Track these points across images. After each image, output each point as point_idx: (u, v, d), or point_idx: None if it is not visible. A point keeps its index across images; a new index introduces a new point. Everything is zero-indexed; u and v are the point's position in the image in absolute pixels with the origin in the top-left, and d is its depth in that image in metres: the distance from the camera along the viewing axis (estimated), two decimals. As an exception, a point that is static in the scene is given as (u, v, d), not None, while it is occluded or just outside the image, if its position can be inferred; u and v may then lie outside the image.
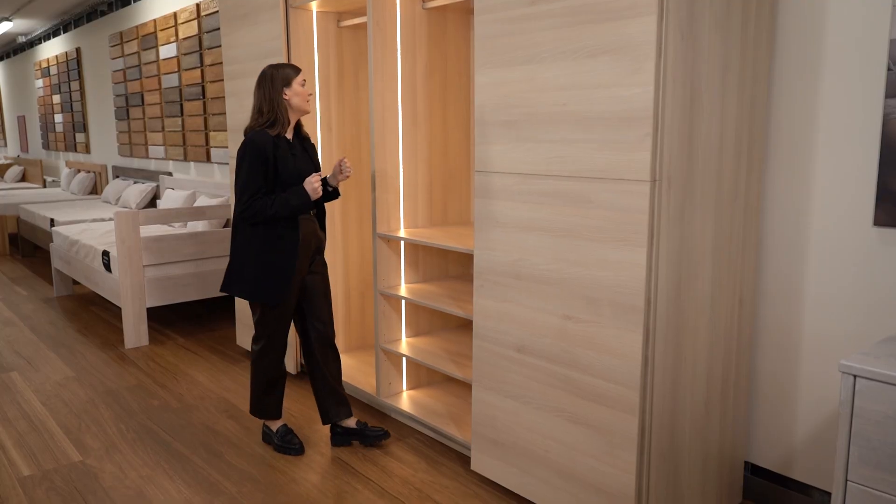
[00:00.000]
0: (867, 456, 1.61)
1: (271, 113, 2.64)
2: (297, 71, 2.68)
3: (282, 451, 2.88)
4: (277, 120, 2.64)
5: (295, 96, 2.65)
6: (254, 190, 2.59)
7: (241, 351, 4.23)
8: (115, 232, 4.17)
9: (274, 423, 2.95)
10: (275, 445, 2.92)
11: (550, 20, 2.10)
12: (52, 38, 9.65)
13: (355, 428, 2.92)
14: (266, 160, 2.60)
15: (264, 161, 2.60)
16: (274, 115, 2.64)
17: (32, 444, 3.00)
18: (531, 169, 2.23)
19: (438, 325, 3.36)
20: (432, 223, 3.27)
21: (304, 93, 2.68)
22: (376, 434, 2.91)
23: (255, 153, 2.59)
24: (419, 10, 3.07)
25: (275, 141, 2.63)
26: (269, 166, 2.62)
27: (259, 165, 2.59)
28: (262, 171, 2.60)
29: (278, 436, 2.91)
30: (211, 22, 5.47)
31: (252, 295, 2.69)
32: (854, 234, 2.15)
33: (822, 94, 2.18)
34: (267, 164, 2.61)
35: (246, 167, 2.60)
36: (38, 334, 4.62)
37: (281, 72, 2.65)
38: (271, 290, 2.67)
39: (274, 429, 2.94)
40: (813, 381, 2.30)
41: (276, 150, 2.63)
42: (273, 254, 2.66)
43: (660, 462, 2.09)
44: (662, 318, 2.00)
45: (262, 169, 2.60)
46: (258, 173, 2.60)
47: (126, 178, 7.47)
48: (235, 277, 2.72)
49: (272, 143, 2.62)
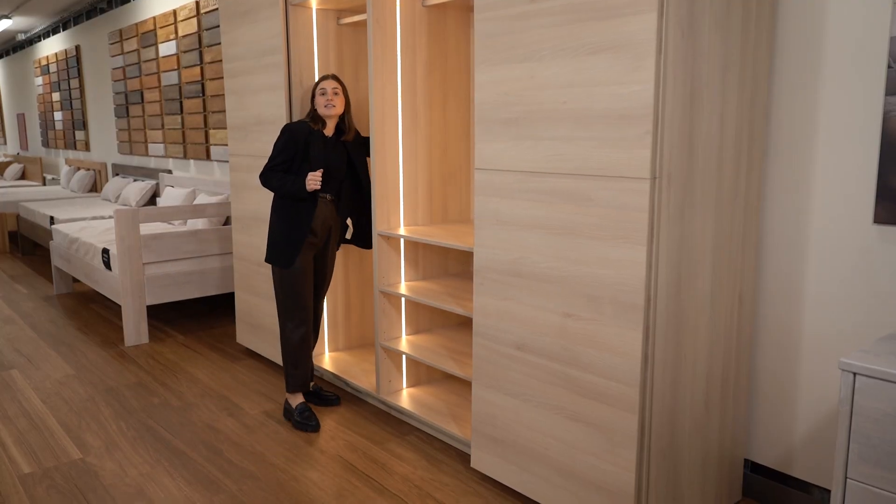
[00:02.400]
0: (867, 453, 1.61)
1: (309, 114, 3.15)
2: (318, 82, 3.12)
3: (299, 427, 3.12)
4: (314, 119, 3.12)
5: (316, 104, 3.11)
6: (275, 163, 3.07)
7: (241, 348, 4.24)
8: (114, 230, 4.17)
9: (295, 399, 3.19)
10: (294, 422, 3.15)
11: (550, 18, 2.10)
12: (52, 35, 9.64)
13: (311, 390, 3.33)
14: (295, 143, 3.05)
15: (294, 143, 3.05)
16: (313, 114, 3.13)
17: (33, 441, 3.00)
18: (531, 167, 2.23)
19: (438, 322, 3.36)
20: (432, 221, 3.27)
21: (321, 100, 3.09)
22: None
23: (287, 134, 3.07)
24: (419, 8, 3.07)
25: (310, 131, 3.08)
26: (300, 149, 3.05)
27: (288, 145, 3.05)
28: (290, 150, 3.05)
29: (297, 412, 3.15)
30: (210, 19, 5.47)
31: (270, 259, 3.12)
32: (854, 232, 2.15)
33: (823, 92, 2.18)
34: (296, 146, 3.05)
35: (278, 142, 3.08)
36: (38, 332, 4.62)
37: (315, 82, 3.15)
38: (281, 255, 3.08)
39: (294, 404, 3.18)
40: (813, 379, 2.30)
41: (308, 138, 3.07)
42: (288, 224, 3.08)
43: (660, 460, 2.10)
44: (662, 316, 2.01)
45: (289, 148, 3.05)
46: (283, 151, 3.05)
47: (126, 175, 7.47)
48: (273, 251, 3.13)
49: (307, 132, 3.07)
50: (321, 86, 3.09)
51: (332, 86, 3.08)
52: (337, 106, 3.08)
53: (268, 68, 3.53)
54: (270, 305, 3.78)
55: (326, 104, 3.06)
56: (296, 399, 3.19)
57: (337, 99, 3.08)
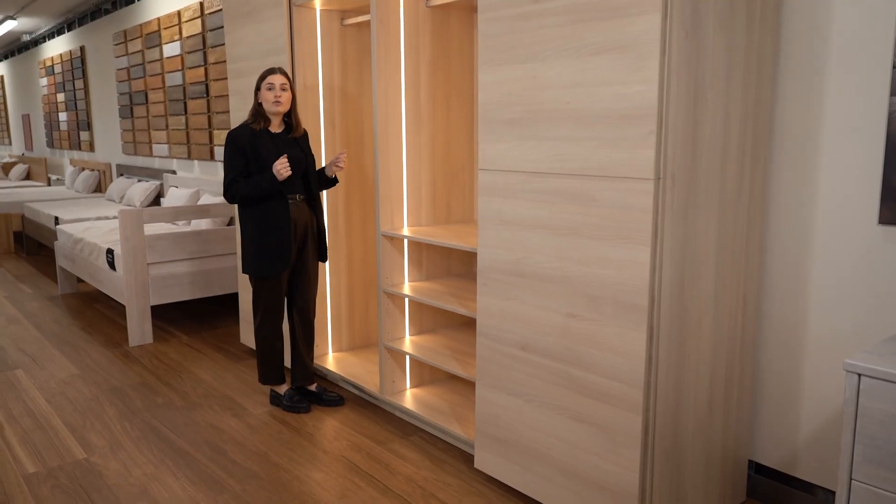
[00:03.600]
0: (871, 455, 1.60)
1: (252, 111, 3.06)
2: (265, 76, 3.00)
3: (290, 409, 3.25)
4: (257, 117, 3.03)
5: (262, 99, 3.02)
6: (232, 175, 2.99)
7: (244, 349, 4.24)
8: (119, 230, 4.18)
9: (280, 388, 3.32)
10: (283, 406, 3.28)
11: (554, 18, 2.10)
12: (57, 36, 9.66)
13: (314, 391, 3.34)
14: (243, 150, 2.98)
15: (241, 151, 2.98)
16: (254, 113, 3.05)
17: (37, 441, 3.01)
18: (534, 167, 2.23)
19: (442, 323, 3.36)
20: (436, 221, 3.27)
21: (269, 95, 2.99)
22: (332, 399, 3.32)
23: (231, 144, 3.00)
24: (422, 8, 3.07)
25: (255, 133, 3.00)
26: (248, 155, 2.99)
27: (236, 155, 2.98)
28: (240, 159, 2.99)
29: (286, 398, 3.28)
30: (214, 20, 5.48)
31: (256, 271, 3.06)
32: (858, 232, 2.15)
33: (827, 92, 2.17)
34: (244, 153, 2.98)
35: (225, 157, 3.01)
36: (42, 332, 4.64)
37: (260, 75, 3.03)
38: (269, 265, 3.04)
39: (281, 392, 3.31)
40: (817, 379, 2.30)
41: (254, 141, 2.99)
42: (268, 233, 3.01)
43: (663, 460, 2.09)
44: (666, 316, 2.00)
45: (239, 158, 2.98)
46: (235, 161, 2.98)
47: (130, 176, 7.49)
48: (244, 257, 3.09)
49: (250, 135, 2.99)
50: (269, 80, 2.98)
51: (280, 81, 2.98)
52: (284, 103, 2.99)
53: (271, 69, 3.54)
54: (274, 306, 3.78)
55: (275, 100, 2.97)
56: (281, 388, 3.32)
57: (284, 95, 2.99)
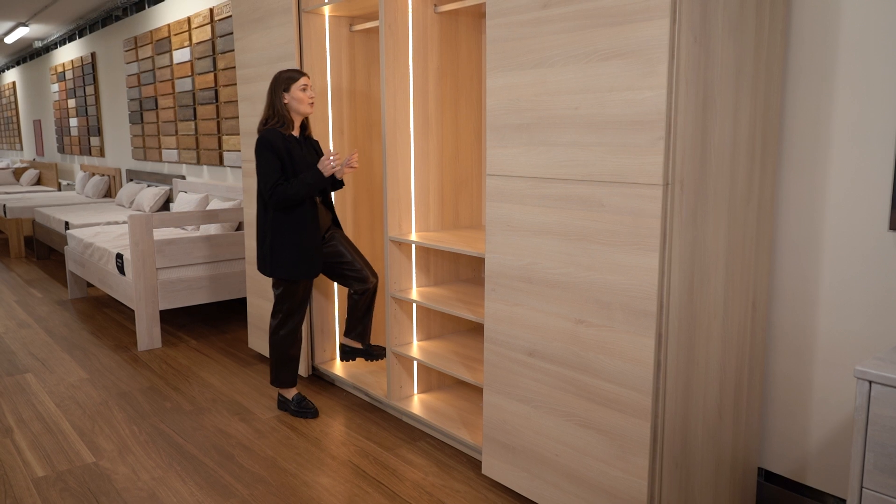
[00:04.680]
0: (883, 463, 1.59)
1: (276, 115, 3.00)
2: (296, 77, 2.99)
3: (298, 415, 3.26)
4: (285, 120, 3.01)
5: (293, 100, 3.00)
6: (275, 179, 2.95)
7: (253, 354, 4.25)
8: (128, 235, 4.20)
9: (289, 392, 3.32)
10: (291, 411, 3.29)
11: (562, 24, 2.10)
12: (68, 42, 9.74)
13: (360, 347, 3.33)
14: (279, 153, 2.95)
15: (278, 155, 2.96)
16: (279, 117, 3.00)
17: (46, 445, 3.02)
18: (543, 172, 2.22)
19: (450, 328, 3.36)
20: (444, 227, 3.27)
21: (304, 97, 3.00)
22: (378, 353, 3.31)
23: (268, 148, 2.95)
24: (431, 14, 3.08)
25: (285, 138, 2.98)
26: (284, 159, 2.97)
27: (273, 158, 2.95)
28: (277, 163, 2.96)
29: (294, 402, 3.29)
30: (224, 26, 5.51)
31: (291, 274, 3.06)
32: (869, 239, 2.13)
33: (836, 97, 2.17)
34: (281, 157, 2.96)
35: (264, 161, 2.96)
36: (52, 336, 4.66)
37: (283, 76, 3.00)
38: (306, 267, 3.07)
39: (289, 397, 3.32)
40: (827, 386, 2.28)
41: (287, 145, 2.98)
42: (304, 236, 3.04)
43: (672, 467, 2.08)
44: (675, 322, 1.99)
45: (276, 161, 2.95)
46: (273, 164, 2.95)
47: (140, 181, 7.53)
48: (273, 261, 3.07)
49: (282, 139, 2.97)
50: (302, 81, 2.99)
51: (310, 83, 3.05)
52: (315, 104, 3.08)
53: (281, 75, 3.55)
54: (282, 310, 3.79)
55: (311, 101, 3.02)
56: (289, 392, 3.32)
57: (315, 97, 3.10)
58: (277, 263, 3.06)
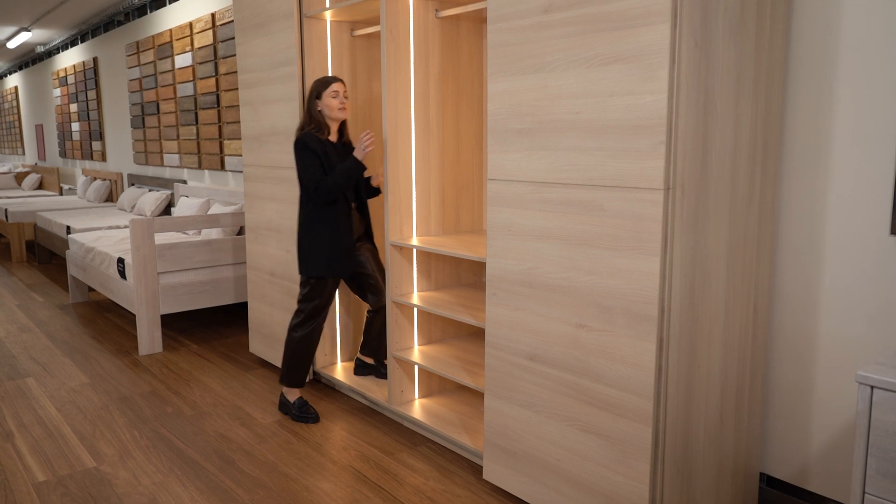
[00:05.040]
0: (885, 468, 1.59)
1: (312, 120, 3.11)
2: (329, 83, 3.08)
3: (299, 419, 3.26)
4: (321, 126, 3.11)
5: (325, 106, 3.09)
6: (318, 176, 3.05)
7: (253, 358, 4.25)
8: (130, 239, 4.20)
9: (292, 395, 3.32)
10: (292, 415, 3.29)
11: (563, 28, 2.10)
12: (70, 47, 9.77)
13: (372, 364, 3.49)
14: (317, 155, 3.05)
15: (316, 154, 3.06)
16: (315, 122, 3.10)
17: (47, 449, 3.02)
18: (544, 177, 2.23)
19: (451, 333, 3.36)
20: (445, 231, 3.27)
21: (335, 103, 3.08)
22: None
23: (306, 148, 3.05)
24: (432, 19, 3.08)
25: (321, 142, 3.08)
26: (322, 160, 3.07)
27: (312, 157, 3.05)
28: (317, 160, 3.06)
29: (296, 406, 3.28)
30: (226, 31, 5.52)
31: (320, 271, 3.14)
32: (870, 243, 2.13)
33: (837, 101, 2.17)
34: (318, 158, 3.06)
35: (303, 160, 3.06)
36: (53, 340, 4.66)
37: (317, 83, 3.11)
38: (340, 265, 3.16)
39: (292, 399, 3.31)
40: (829, 391, 2.28)
41: (324, 148, 3.08)
42: (333, 235, 3.12)
43: (673, 472, 2.08)
44: (676, 326, 1.99)
45: (315, 159, 3.05)
46: (314, 163, 3.05)
47: (141, 185, 7.54)
48: (303, 258, 3.17)
49: (319, 143, 3.07)
50: (334, 87, 3.08)
51: (343, 89, 3.11)
52: (346, 110, 3.14)
53: (282, 79, 3.56)
54: (283, 315, 3.79)
55: (340, 107, 3.09)
56: (293, 394, 3.32)
57: (347, 102, 3.15)
58: (307, 260, 3.15)
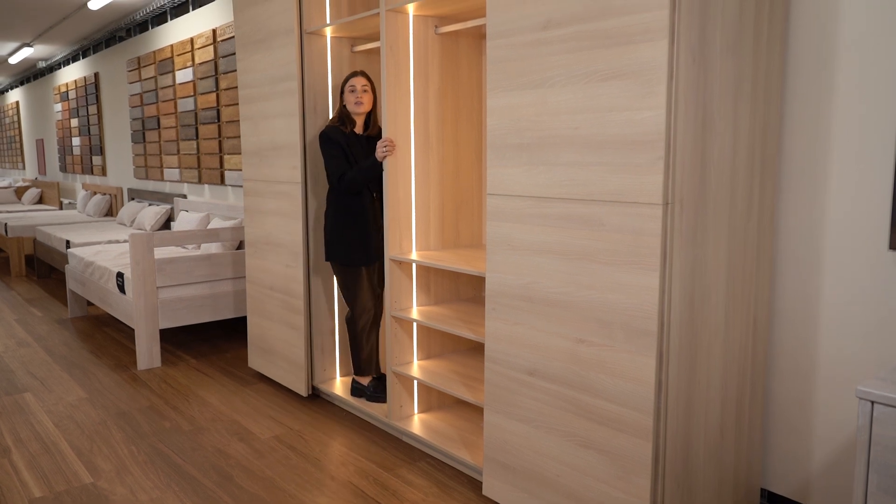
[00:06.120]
0: (886, 484, 1.58)
1: (339, 115, 3.25)
2: (347, 79, 3.23)
3: (373, 399, 3.41)
4: (344, 119, 3.24)
5: (346, 101, 3.24)
6: (342, 168, 3.18)
7: (252, 373, 4.23)
8: (129, 254, 4.20)
9: (364, 379, 3.46)
10: (367, 396, 3.44)
11: (562, 45, 2.12)
12: (72, 63, 9.82)
13: (365, 386, 3.47)
14: (340, 146, 3.18)
15: (340, 147, 3.18)
16: (340, 116, 3.25)
17: (44, 465, 3.00)
18: (543, 192, 2.23)
19: (450, 347, 3.35)
20: (444, 246, 3.27)
21: (351, 98, 3.21)
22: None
23: (329, 141, 3.19)
24: (432, 35, 3.11)
25: (345, 135, 3.20)
26: (346, 153, 3.19)
27: (337, 149, 3.18)
28: (341, 153, 3.18)
29: (370, 388, 3.44)
30: (227, 47, 5.55)
31: (343, 259, 3.27)
32: (869, 258, 2.13)
33: (835, 116, 2.18)
34: (342, 149, 3.18)
35: (327, 152, 3.20)
36: (51, 355, 4.65)
37: (344, 79, 3.27)
38: (358, 255, 3.26)
39: (365, 383, 3.46)
40: (829, 405, 2.27)
41: (348, 141, 3.20)
42: (357, 225, 3.23)
43: (674, 488, 2.07)
44: (676, 341, 1.99)
45: (340, 152, 3.18)
46: (338, 155, 3.18)
47: (141, 200, 7.55)
48: (329, 246, 3.31)
49: (342, 136, 3.20)
50: (351, 83, 3.20)
51: (361, 83, 3.20)
52: (365, 103, 3.21)
53: (282, 95, 3.58)
54: (282, 330, 3.78)
55: (357, 101, 3.19)
56: (365, 378, 3.45)
57: (366, 96, 3.22)
58: (332, 249, 3.29)
